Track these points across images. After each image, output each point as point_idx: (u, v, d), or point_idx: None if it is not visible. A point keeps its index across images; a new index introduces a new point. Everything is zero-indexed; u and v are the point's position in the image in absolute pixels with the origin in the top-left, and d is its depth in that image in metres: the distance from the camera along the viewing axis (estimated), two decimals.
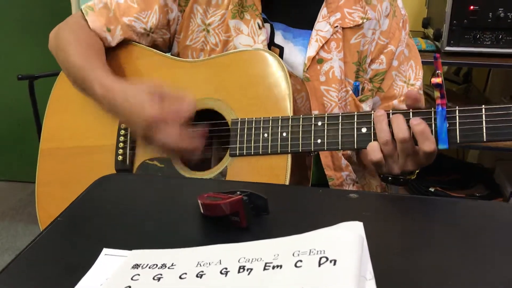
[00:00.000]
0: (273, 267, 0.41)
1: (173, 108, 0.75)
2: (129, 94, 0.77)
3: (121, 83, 0.81)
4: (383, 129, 0.70)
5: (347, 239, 0.42)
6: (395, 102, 0.92)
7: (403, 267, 0.47)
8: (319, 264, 0.40)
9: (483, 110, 0.67)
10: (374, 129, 0.72)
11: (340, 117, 0.75)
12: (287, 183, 0.76)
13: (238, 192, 0.56)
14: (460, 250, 0.49)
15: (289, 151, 0.77)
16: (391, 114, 0.71)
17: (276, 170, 0.78)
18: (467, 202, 0.64)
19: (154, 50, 0.93)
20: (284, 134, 0.78)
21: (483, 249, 0.50)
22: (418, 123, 0.68)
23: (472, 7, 1.45)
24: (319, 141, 0.76)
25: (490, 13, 1.44)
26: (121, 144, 0.89)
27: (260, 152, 0.79)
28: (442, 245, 0.50)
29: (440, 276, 0.45)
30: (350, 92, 0.90)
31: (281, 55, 0.90)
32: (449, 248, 0.50)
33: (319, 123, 0.76)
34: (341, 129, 0.75)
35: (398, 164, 0.71)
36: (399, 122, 0.69)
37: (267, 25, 0.90)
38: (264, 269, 0.42)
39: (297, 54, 0.90)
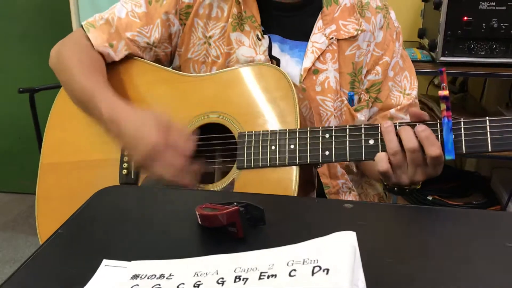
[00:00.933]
0: (268, 277, 0.43)
1: (177, 142, 0.77)
2: (137, 118, 0.79)
3: (129, 107, 0.83)
4: (392, 140, 0.72)
5: (339, 249, 0.44)
6: (392, 111, 0.94)
7: (395, 276, 0.48)
8: (313, 273, 0.41)
9: (487, 121, 0.69)
10: (381, 141, 0.74)
11: (347, 129, 0.76)
12: (295, 195, 0.77)
13: (235, 203, 0.57)
14: (453, 260, 0.50)
15: (297, 163, 0.78)
16: (398, 125, 0.73)
17: (284, 182, 0.78)
18: (461, 212, 0.65)
19: (158, 65, 0.94)
20: (292, 147, 0.78)
21: (476, 259, 0.50)
22: (423, 129, 0.70)
23: (466, 18, 1.47)
24: (327, 153, 0.77)
25: (484, 24, 1.46)
26: (126, 158, 0.89)
27: (268, 165, 0.79)
28: (435, 255, 0.51)
29: (432, 286, 0.46)
30: (345, 102, 0.92)
31: (278, 66, 0.92)
32: (442, 258, 0.50)
33: (327, 135, 0.77)
34: (349, 141, 0.76)
35: (407, 175, 0.73)
36: (407, 132, 0.71)
37: (265, 37, 0.92)
38: (259, 278, 0.43)
39: (294, 66, 0.91)
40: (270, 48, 0.92)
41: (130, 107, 0.83)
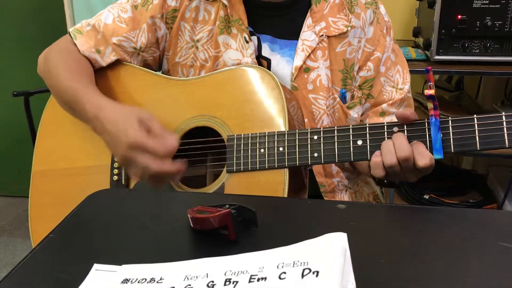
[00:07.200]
0: (258, 279, 0.42)
1: (156, 140, 0.75)
2: (119, 115, 0.78)
3: (113, 104, 0.82)
4: (390, 151, 0.72)
5: (330, 251, 0.43)
6: (383, 106, 0.94)
7: (387, 278, 0.47)
8: (302, 276, 0.41)
9: (475, 119, 0.69)
10: (370, 141, 0.74)
11: (335, 130, 0.77)
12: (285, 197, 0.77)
13: (227, 206, 0.57)
14: (446, 260, 0.50)
15: (286, 165, 0.78)
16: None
17: (274, 185, 0.78)
18: (454, 211, 0.65)
19: (146, 69, 0.94)
20: (281, 149, 0.79)
21: (468, 259, 0.50)
22: (413, 143, 0.71)
23: (460, 17, 1.47)
24: (315, 154, 0.77)
25: (478, 22, 1.46)
26: (116, 164, 0.89)
27: (258, 168, 0.80)
28: (427, 255, 0.51)
29: (424, 287, 0.46)
30: (338, 99, 0.92)
31: (268, 67, 0.92)
32: (433, 258, 0.50)
33: (315, 137, 0.78)
34: (337, 142, 0.76)
35: (399, 177, 0.74)
36: (401, 141, 0.71)
37: (254, 38, 0.92)
38: (250, 281, 0.43)
39: (285, 65, 0.91)
40: (260, 49, 0.92)
41: (113, 105, 0.82)
